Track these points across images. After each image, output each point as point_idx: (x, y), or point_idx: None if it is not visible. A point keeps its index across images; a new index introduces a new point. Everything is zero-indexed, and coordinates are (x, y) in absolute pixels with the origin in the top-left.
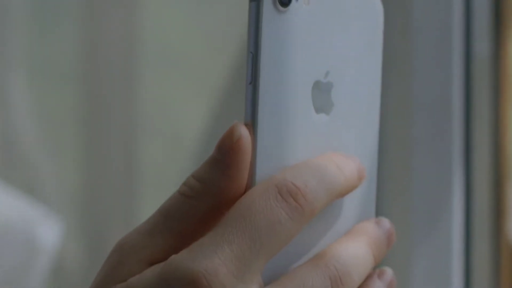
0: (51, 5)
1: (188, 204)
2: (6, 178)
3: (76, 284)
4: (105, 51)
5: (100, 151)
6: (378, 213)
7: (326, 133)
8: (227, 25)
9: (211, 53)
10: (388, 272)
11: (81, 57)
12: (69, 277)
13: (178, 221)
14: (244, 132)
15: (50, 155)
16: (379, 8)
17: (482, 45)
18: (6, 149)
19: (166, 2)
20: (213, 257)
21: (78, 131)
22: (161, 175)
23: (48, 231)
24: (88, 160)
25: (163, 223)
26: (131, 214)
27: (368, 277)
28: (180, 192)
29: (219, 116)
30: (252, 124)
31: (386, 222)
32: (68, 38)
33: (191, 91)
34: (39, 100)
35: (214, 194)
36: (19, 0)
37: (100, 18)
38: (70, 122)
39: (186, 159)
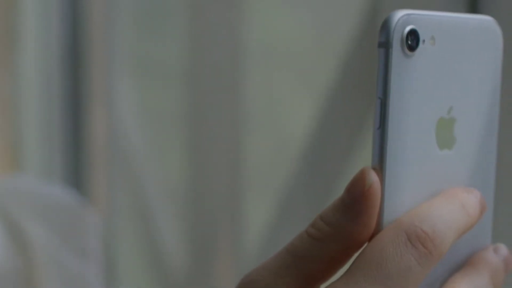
0: (157, 6)
1: (316, 246)
2: (112, 175)
3: (180, 281)
4: (210, 51)
5: (205, 151)
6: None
7: (449, 168)
8: (334, 24)
9: (318, 53)
10: None
11: (186, 57)
12: (174, 274)
13: (307, 262)
14: (375, 178)
15: (155, 154)
16: (499, 35)
17: None
18: (112, 147)
19: (272, 1)
20: None
21: (183, 130)
22: (267, 176)
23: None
24: (193, 160)
25: (292, 263)
26: (236, 214)
27: None
28: (308, 233)
29: (326, 117)
30: (380, 169)
31: (503, 249)
32: (173, 38)
33: (297, 92)
34: (144, 100)
35: (343, 238)
36: (125, 2)
37: (205, 18)
38: (175, 121)
39: (292, 160)
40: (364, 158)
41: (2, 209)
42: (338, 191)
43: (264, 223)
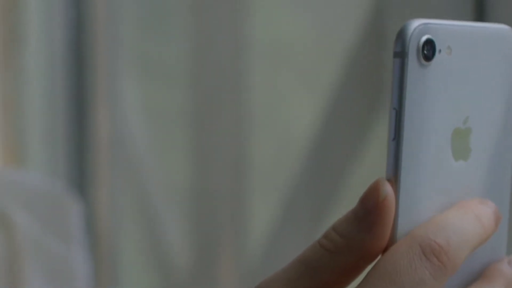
0: (160, 6)
1: (329, 257)
2: (116, 174)
3: (183, 281)
4: (213, 51)
5: (208, 151)
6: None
7: (464, 180)
8: (337, 24)
9: (321, 53)
10: None
11: (189, 57)
12: (177, 274)
13: (319, 273)
14: (389, 190)
15: (159, 153)
16: None
17: None
18: (115, 146)
19: (275, 1)
20: None
21: (186, 130)
22: (270, 176)
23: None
24: (197, 160)
25: (304, 274)
26: (239, 214)
27: None
28: (321, 244)
29: (329, 117)
30: (395, 180)
31: None
32: (177, 38)
33: (301, 92)
34: (148, 99)
35: (356, 250)
36: (128, 1)
37: (208, 18)
38: (179, 121)
39: (296, 160)
40: (366, 158)
41: None
42: (341, 191)
43: (268, 223)
